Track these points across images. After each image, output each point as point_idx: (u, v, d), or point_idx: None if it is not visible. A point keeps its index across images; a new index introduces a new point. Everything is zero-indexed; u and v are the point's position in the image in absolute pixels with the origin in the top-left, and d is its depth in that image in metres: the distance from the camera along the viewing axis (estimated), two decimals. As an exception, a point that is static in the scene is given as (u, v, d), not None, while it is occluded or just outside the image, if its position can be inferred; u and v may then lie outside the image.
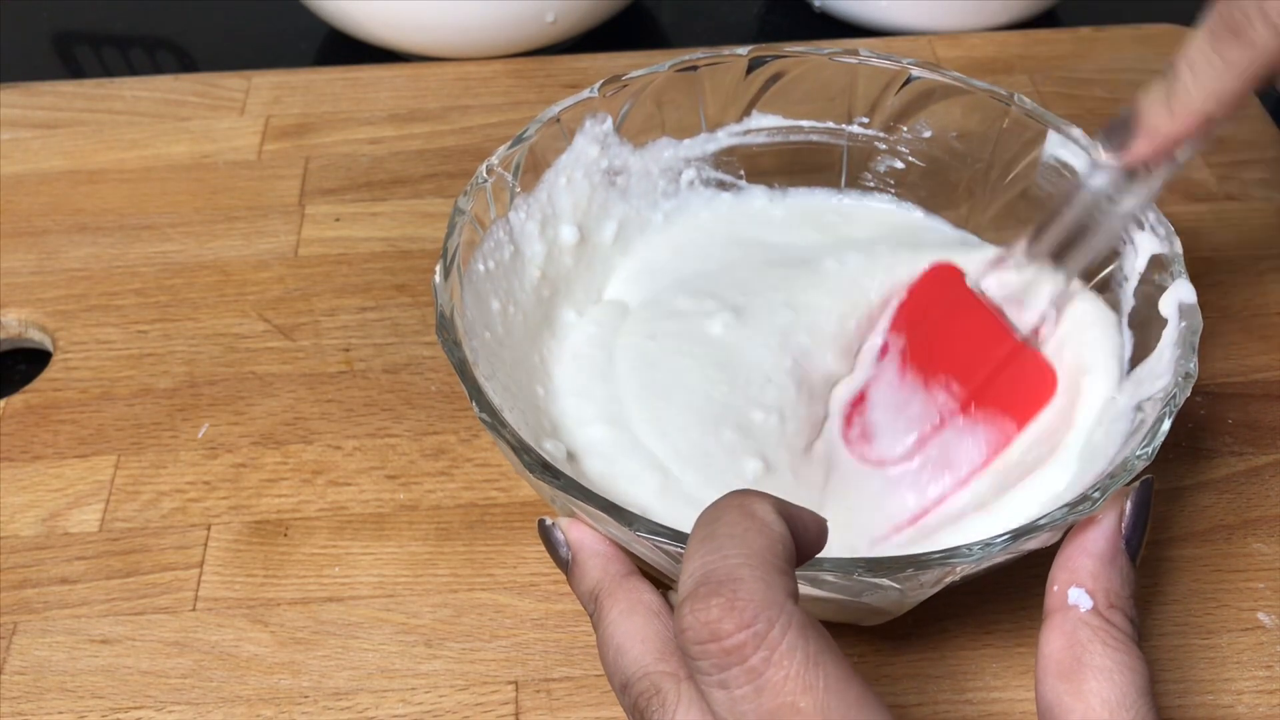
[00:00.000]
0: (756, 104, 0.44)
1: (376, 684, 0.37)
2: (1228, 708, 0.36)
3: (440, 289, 0.35)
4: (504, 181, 0.39)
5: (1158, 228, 0.37)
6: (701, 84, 0.43)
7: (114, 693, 0.37)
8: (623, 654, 0.28)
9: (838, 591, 0.30)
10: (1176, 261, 0.36)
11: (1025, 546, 0.30)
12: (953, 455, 0.38)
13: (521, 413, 0.36)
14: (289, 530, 0.41)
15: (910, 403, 0.39)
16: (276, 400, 0.45)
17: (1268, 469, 0.42)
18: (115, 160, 0.54)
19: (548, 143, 0.40)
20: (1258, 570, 0.39)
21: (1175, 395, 0.32)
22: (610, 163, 0.42)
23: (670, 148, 0.44)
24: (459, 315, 0.35)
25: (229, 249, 0.50)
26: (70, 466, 0.43)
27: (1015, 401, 0.38)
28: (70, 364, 0.46)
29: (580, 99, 0.41)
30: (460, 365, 0.33)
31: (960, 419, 0.38)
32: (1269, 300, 0.48)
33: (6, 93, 0.57)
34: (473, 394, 0.33)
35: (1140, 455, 0.31)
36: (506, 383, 0.37)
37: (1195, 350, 0.33)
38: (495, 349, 0.37)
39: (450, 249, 0.36)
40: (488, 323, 0.37)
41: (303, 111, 0.56)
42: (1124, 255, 0.38)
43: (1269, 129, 0.55)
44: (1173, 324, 0.35)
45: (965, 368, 0.39)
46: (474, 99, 0.57)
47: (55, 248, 0.50)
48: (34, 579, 0.39)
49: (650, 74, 0.42)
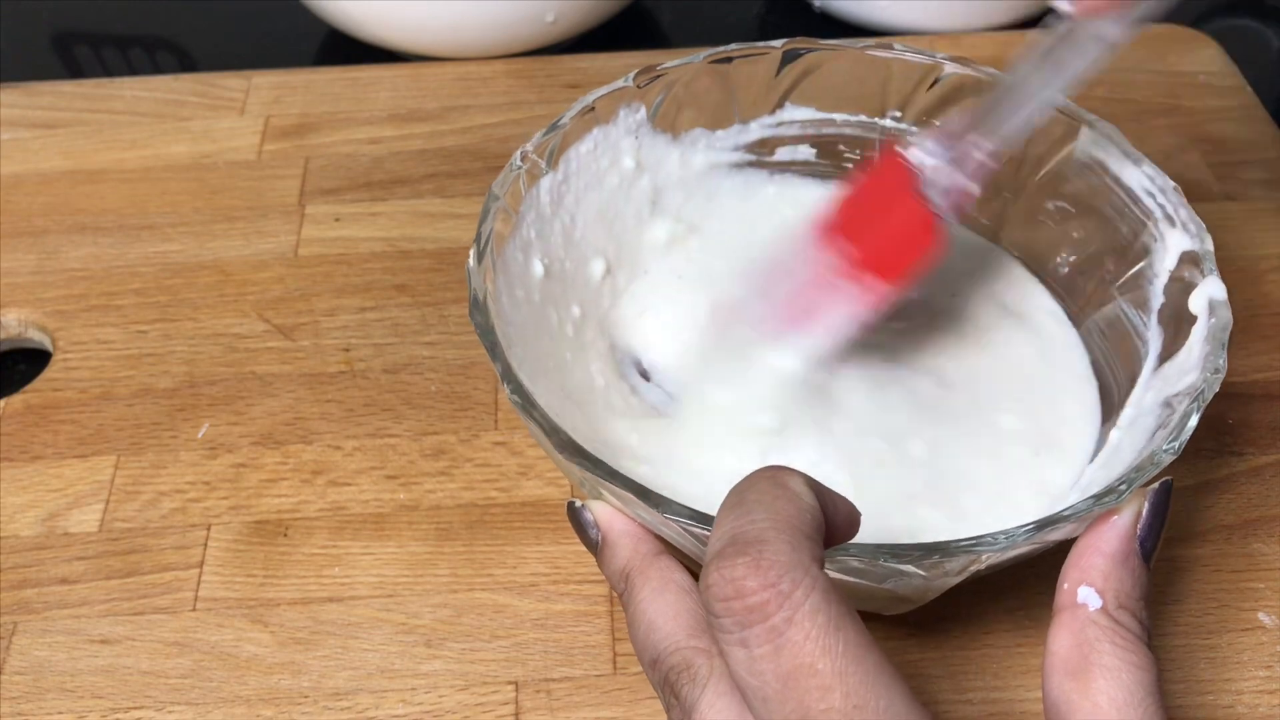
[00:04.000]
0: (790, 96, 0.44)
1: (376, 684, 0.37)
2: (1228, 708, 0.36)
3: (474, 273, 0.35)
4: (538, 168, 0.39)
5: (1190, 224, 0.36)
6: (735, 76, 0.43)
7: (114, 693, 0.37)
8: (654, 630, 0.29)
9: (862, 576, 0.30)
10: (1208, 259, 0.36)
11: (1050, 537, 0.30)
12: (824, 311, 0.38)
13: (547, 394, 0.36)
14: (289, 530, 0.41)
15: (805, 267, 0.38)
16: (276, 400, 0.45)
17: (1268, 469, 0.42)
18: (115, 160, 0.54)
19: (581, 131, 0.40)
20: (1258, 570, 0.39)
21: (1204, 391, 0.32)
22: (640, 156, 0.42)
23: (704, 138, 0.44)
24: (492, 299, 0.35)
25: (229, 249, 0.50)
26: (70, 466, 0.43)
27: (895, 256, 0.37)
28: (70, 364, 0.46)
29: (615, 88, 0.41)
30: (492, 348, 0.33)
31: (842, 277, 0.37)
32: (1269, 300, 0.48)
33: (6, 93, 0.57)
34: (505, 375, 0.33)
35: (1168, 449, 0.31)
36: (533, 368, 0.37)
37: (1225, 346, 0.33)
38: (523, 333, 0.37)
39: (484, 233, 0.36)
40: (517, 306, 0.38)
41: (303, 111, 0.56)
42: (1154, 252, 0.38)
43: (1269, 129, 0.55)
44: (1203, 320, 0.35)
45: (861, 228, 0.38)
46: (474, 99, 0.57)
47: (55, 248, 0.50)
48: (34, 579, 0.39)
49: (685, 64, 0.42)
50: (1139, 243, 0.38)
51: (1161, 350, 0.37)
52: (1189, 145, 0.54)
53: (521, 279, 0.39)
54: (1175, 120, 0.55)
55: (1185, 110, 0.56)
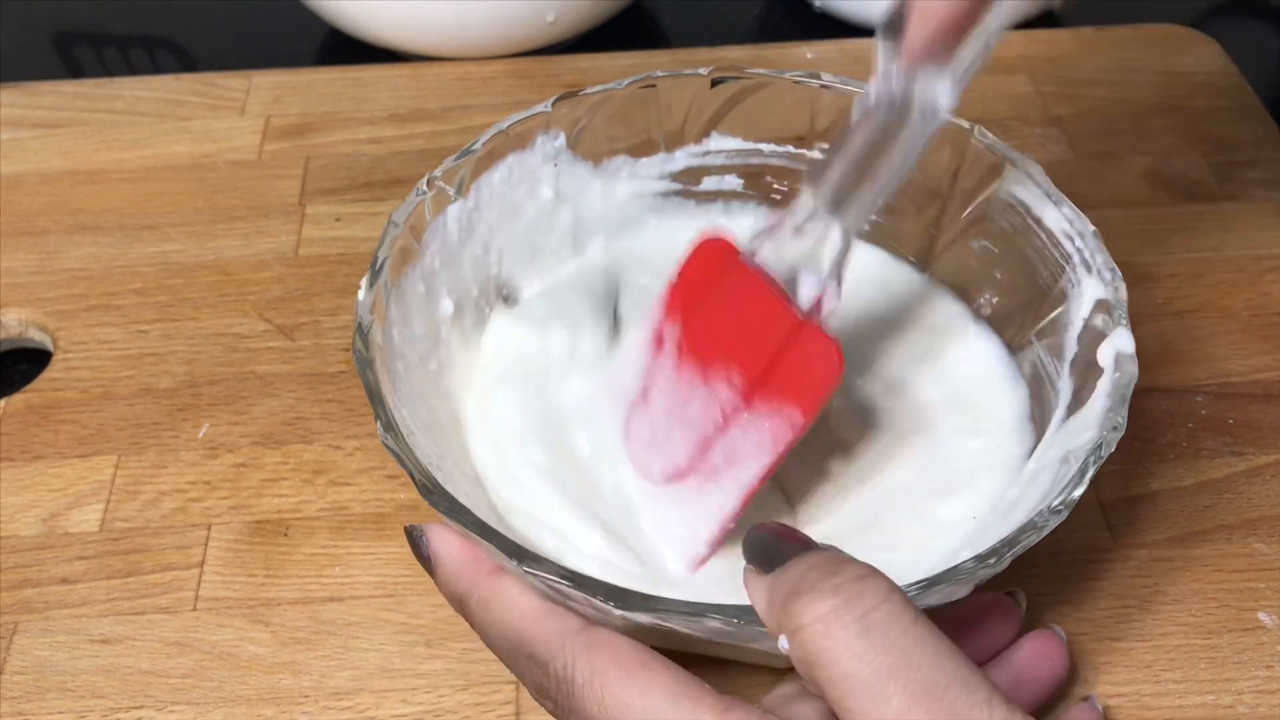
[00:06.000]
0: (717, 125, 0.42)
1: (377, 684, 0.37)
2: (1228, 708, 0.36)
3: (362, 302, 0.34)
4: (445, 195, 0.38)
5: (1104, 272, 0.35)
6: (660, 102, 0.41)
7: (114, 693, 0.37)
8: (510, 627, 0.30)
9: (728, 639, 0.29)
10: (1119, 308, 0.34)
11: (927, 601, 0.29)
12: (739, 456, 0.34)
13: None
14: (289, 530, 0.41)
15: (690, 401, 0.35)
16: (277, 400, 0.45)
17: (1268, 469, 0.42)
18: (115, 160, 0.54)
19: (495, 158, 0.39)
20: (1258, 570, 0.39)
21: (1100, 447, 0.31)
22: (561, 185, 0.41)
23: (626, 166, 0.43)
24: (379, 330, 0.34)
25: (229, 249, 0.50)
26: (70, 466, 0.43)
27: (800, 388, 0.33)
28: (70, 364, 0.46)
29: (534, 113, 0.40)
30: (371, 384, 0.32)
31: (744, 414, 0.34)
32: (1269, 300, 0.48)
33: (6, 93, 0.57)
34: (378, 413, 0.32)
35: (1057, 509, 0.30)
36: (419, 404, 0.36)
37: (1126, 402, 0.32)
38: (418, 370, 0.36)
39: (378, 259, 0.35)
40: (412, 342, 0.36)
41: (303, 111, 0.56)
42: (1070, 299, 0.36)
43: (1269, 129, 0.55)
44: (1108, 374, 0.33)
45: (744, 354, 0.34)
46: (474, 99, 0.57)
47: (55, 248, 0.50)
48: (34, 579, 0.39)
49: (607, 91, 0.41)
50: (1057, 288, 0.37)
51: (1070, 401, 0.35)
52: (1189, 145, 0.54)
53: (422, 312, 0.37)
54: (1175, 120, 0.55)
55: (1185, 110, 0.56)
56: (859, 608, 0.24)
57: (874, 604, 0.24)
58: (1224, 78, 0.58)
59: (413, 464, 0.31)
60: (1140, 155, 0.54)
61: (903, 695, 0.24)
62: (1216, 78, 0.58)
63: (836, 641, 0.24)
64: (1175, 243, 0.49)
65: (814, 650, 0.24)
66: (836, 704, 0.24)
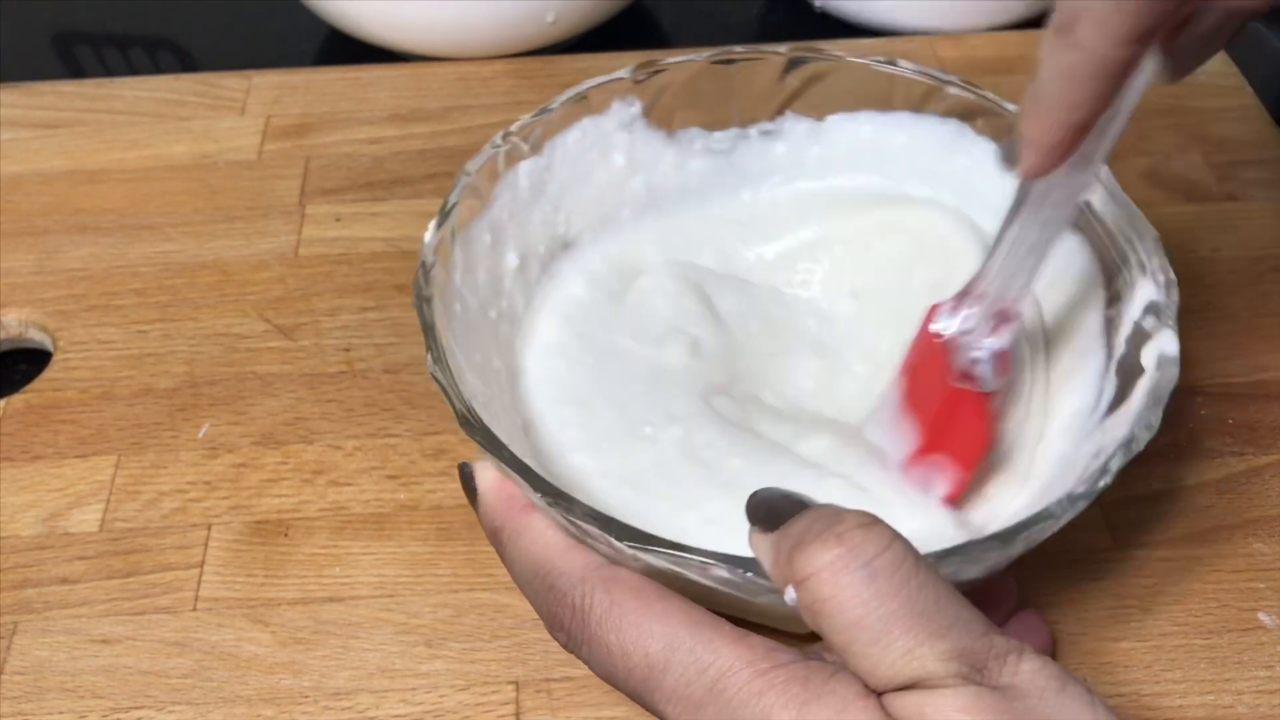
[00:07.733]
0: (790, 105, 0.43)
1: (377, 684, 0.37)
2: (1228, 708, 0.36)
3: (429, 242, 0.35)
4: (519, 151, 0.39)
5: (1158, 274, 0.35)
6: (736, 78, 0.42)
7: (114, 693, 0.37)
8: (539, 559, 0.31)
9: (737, 591, 0.30)
10: (1167, 312, 0.34)
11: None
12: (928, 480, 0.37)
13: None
14: (289, 530, 0.41)
15: (899, 428, 0.38)
16: (277, 400, 0.45)
17: (1268, 469, 0.42)
18: (115, 160, 0.54)
19: (570, 119, 0.40)
20: (1258, 570, 0.39)
21: (1131, 443, 0.31)
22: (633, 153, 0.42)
23: (700, 138, 0.43)
24: (441, 269, 0.35)
25: (229, 249, 0.50)
26: (70, 466, 0.43)
27: (959, 450, 0.36)
28: (70, 364, 0.46)
29: (611, 79, 0.40)
30: (428, 320, 0.33)
31: (921, 462, 0.37)
32: (1269, 300, 0.48)
33: (6, 93, 0.57)
34: (429, 345, 0.33)
35: (1076, 499, 0.30)
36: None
37: (1162, 404, 0.32)
38: (478, 319, 0.37)
39: (448, 204, 0.36)
40: (475, 290, 0.37)
41: (303, 111, 0.56)
42: (1123, 300, 0.37)
43: (1269, 129, 0.55)
44: (1149, 374, 0.33)
45: (923, 411, 0.37)
46: (474, 99, 0.57)
47: (55, 248, 0.50)
48: (34, 579, 0.39)
49: (685, 61, 0.41)
50: (1113, 288, 0.37)
51: (1113, 400, 0.35)
52: (1189, 145, 0.54)
53: (486, 261, 0.38)
54: (1175, 120, 0.55)
55: (1185, 110, 0.56)
56: (863, 555, 0.25)
57: (877, 551, 0.25)
58: (1224, 78, 0.58)
59: (455, 395, 0.32)
60: (1140, 155, 0.54)
61: (909, 638, 0.24)
62: (1216, 78, 0.58)
63: (842, 589, 0.25)
64: (1175, 243, 0.49)
65: (820, 598, 0.25)
66: (844, 650, 0.25)
